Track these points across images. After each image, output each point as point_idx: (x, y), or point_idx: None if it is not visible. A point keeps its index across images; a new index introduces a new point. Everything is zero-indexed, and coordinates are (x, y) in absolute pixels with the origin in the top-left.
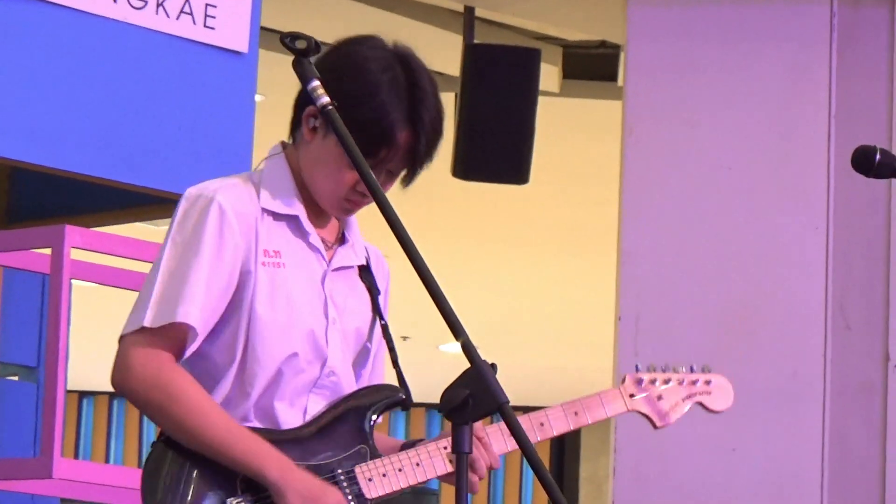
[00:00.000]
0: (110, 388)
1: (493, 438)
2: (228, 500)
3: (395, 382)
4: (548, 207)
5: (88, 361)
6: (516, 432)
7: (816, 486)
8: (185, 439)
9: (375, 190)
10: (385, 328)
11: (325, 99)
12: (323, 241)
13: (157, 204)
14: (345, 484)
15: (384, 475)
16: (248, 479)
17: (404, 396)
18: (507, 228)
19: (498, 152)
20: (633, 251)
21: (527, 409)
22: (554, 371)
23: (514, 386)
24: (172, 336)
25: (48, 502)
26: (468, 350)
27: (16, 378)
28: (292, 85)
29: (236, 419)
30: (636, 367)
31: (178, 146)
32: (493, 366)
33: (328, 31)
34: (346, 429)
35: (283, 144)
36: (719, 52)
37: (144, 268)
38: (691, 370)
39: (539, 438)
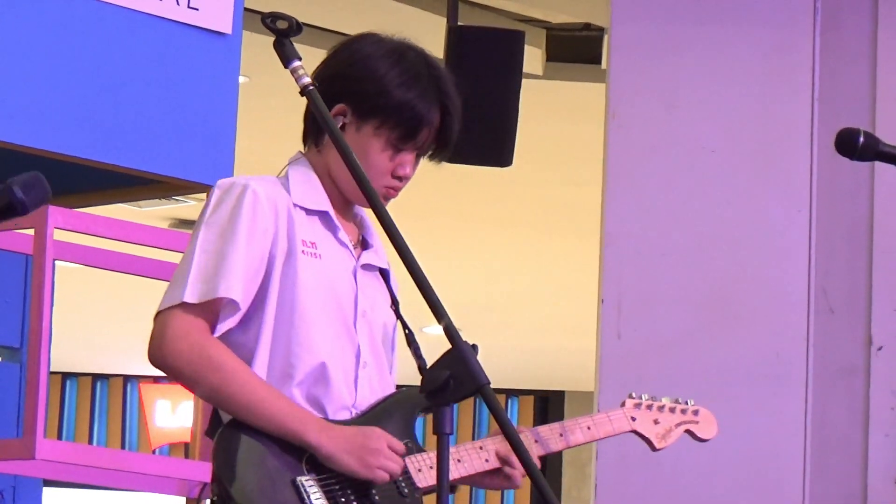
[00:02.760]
0: (93, 370)
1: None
2: (297, 479)
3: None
4: (531, 189)
5: (72, 343)
6: (497, 414)
7: (798, 469)
8: (226, 406)
9: (356, 168)
10: (411, 335)
11: (307, 79)
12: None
13: (140, 185)
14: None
15: (431, 467)
16: (313, 458)
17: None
18: (490, 210)
19: (481, 135)
20: (616, 233)
21: (508, 392)
22: (536, 353)
23: (495, 368)
24: (211, 311)
25: (31, 483)
26: (450, 332)
27: None
28: (276, 67)
29: None
30: (630, 394)
31: (162, 127)
32: (475, 347)
33: (311, 13)
34: (393, 425)
35: (301, 153)
36: (703, 35)
37: (128, 249)
38: (675, 401)
39: (558, 448)
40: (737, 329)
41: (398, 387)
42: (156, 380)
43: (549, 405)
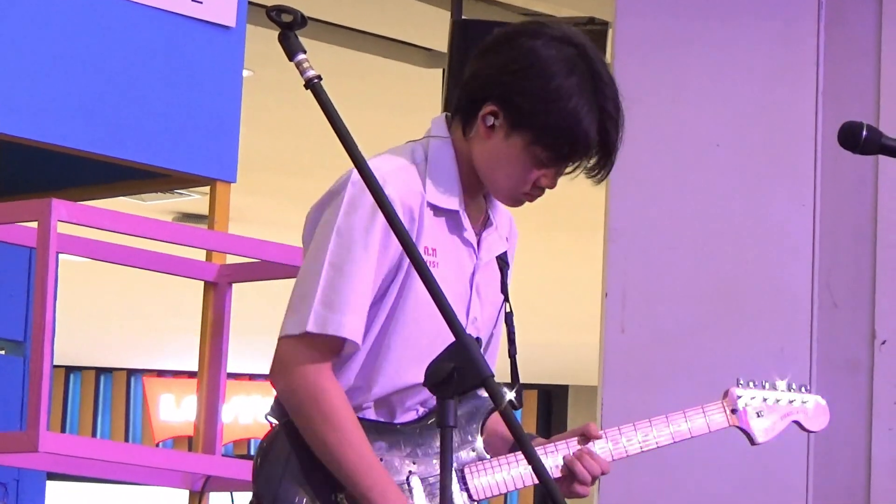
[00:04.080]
0: (97, 363)
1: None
2: (339, 496)
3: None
4: None
5: (76, 336)
6: (502, 409)
7: (802, 463)
8: (319, 453)
9: (364, 168)
10: (509, 316)
11: (312, 72)
12: (474, 230)
13: (144, 178)
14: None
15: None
16: None
17: (514, 398)
18: None
19: None
20: (621, 227)
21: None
22: (539, 347)
23: (499, 362)
24: (333, 344)
25: (35, 476)
26: (454, 326)
27: (2, 352)
28: (280, 60)
29: (354, 407)
30: (737, 381)
31: (166, 121)
32: (478, 340)
33: (315, 6)
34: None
35: (448, 122)
36: (707, 29)
37: (131, 242)
38: (789, 388)
39: (643, 449)
40: (741, 323)
41: None
42: (159, 374)
43: (552, 399)
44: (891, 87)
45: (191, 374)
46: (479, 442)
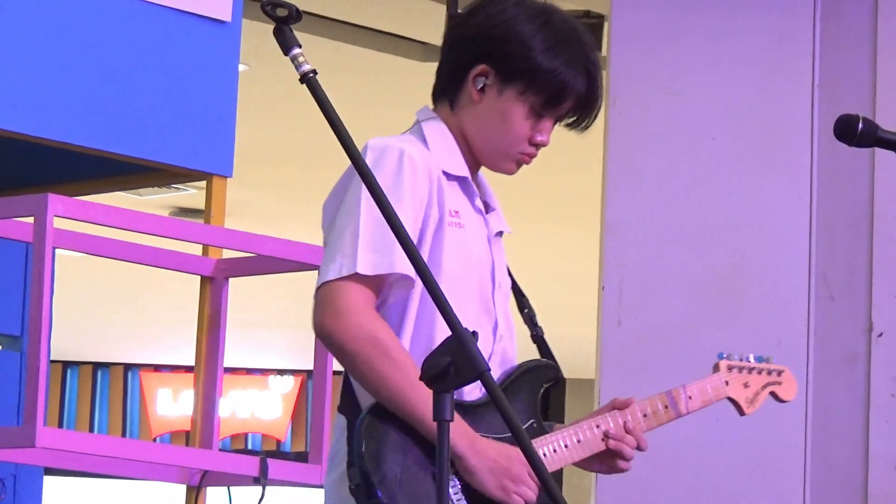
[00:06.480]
0: (94, 359)
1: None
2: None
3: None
4: (531, 176)
5: (73, 331)
6: (497, 401)
7: (800, 456)
8: (381, 393)
9: (359, 162)
10: (526, 301)
11: (307, 67)
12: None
13: (140, 173)
14: None
15: (555, 451)
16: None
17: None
18: None
19: None
20: (617, 220)
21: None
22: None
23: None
24: (380, 285)
25: (32, 471)
26: (450, 319)
27: None
28: (276, 55)
29: None
30: (720, 354)
31: (162, 115)
32: (475, 334)
33: (310, 0)
34: (519, 404)
35: (431, 111)
36: (703, 22)
37: (128, 237)
38: (758, 361)
39: (668, 420)
40: (737, 316)
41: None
42: (156, 368)
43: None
44: (887, 79)
45: (188, 369)
46: (538, 418)
